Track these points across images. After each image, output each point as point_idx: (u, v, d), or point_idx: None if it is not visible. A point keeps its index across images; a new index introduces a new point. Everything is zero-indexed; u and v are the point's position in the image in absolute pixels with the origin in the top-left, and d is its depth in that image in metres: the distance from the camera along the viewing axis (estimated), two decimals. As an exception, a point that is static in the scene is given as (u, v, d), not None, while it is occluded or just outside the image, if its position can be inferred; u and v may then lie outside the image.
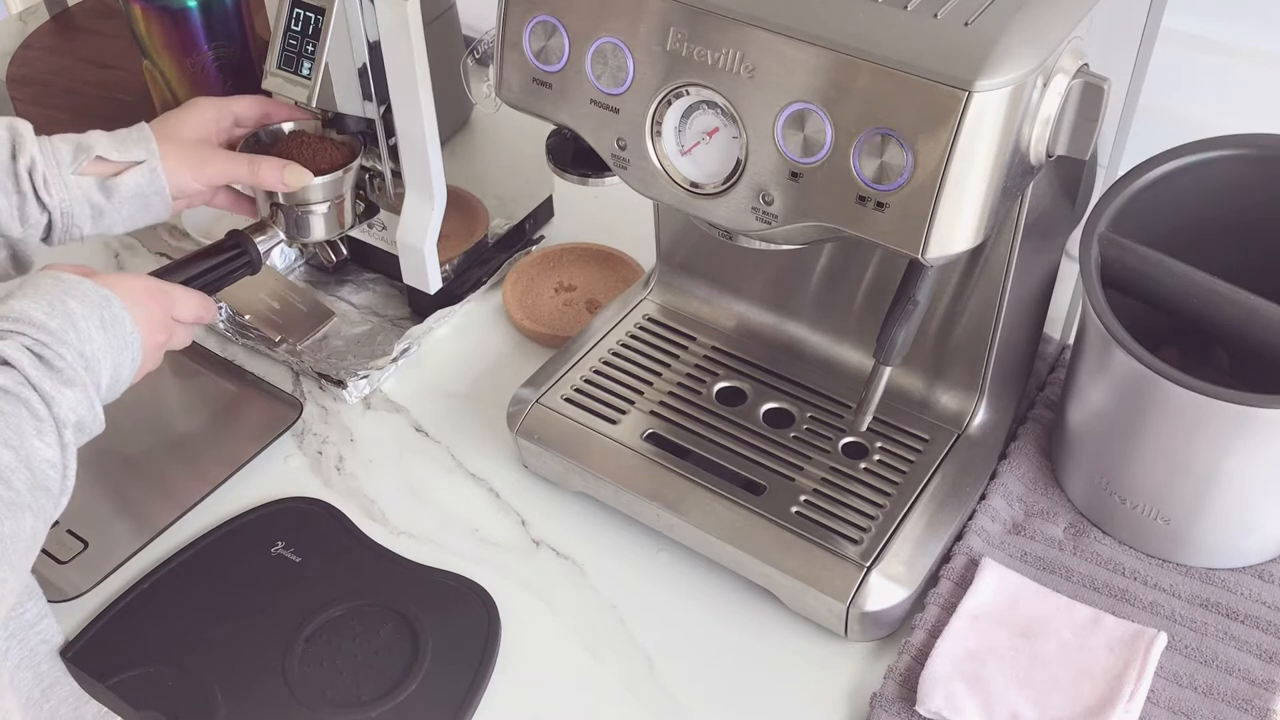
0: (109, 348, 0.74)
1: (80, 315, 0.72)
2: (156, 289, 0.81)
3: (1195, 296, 0.79)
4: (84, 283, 0.74)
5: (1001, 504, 0.87)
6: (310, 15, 0.91)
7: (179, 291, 0.83)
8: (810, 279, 0.92)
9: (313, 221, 0.95)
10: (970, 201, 0.63)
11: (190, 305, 0.84)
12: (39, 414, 0.68)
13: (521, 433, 0.91)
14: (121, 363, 0.75)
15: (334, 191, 0.94)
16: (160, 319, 0.80)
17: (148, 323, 0.78)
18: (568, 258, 1.11)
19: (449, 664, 0.81)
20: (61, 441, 0.69)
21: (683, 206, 0.72)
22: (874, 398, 0.77)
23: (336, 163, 0.94)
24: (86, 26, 1.41)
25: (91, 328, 0.73)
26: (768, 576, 0.83)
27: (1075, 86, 0.65)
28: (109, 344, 0.74)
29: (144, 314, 0.78)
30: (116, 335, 0.74)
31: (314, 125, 0.97)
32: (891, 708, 0.77)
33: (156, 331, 0.79)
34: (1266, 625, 0.79)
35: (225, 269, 0.91)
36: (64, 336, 0.71)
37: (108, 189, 0.84)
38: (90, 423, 0.72)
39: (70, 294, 0.73)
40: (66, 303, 0.72)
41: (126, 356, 0.75)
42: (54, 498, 0.69)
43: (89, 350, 0.72)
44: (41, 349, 0.69)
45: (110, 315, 0.74)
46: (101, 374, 0.73)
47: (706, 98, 0.68)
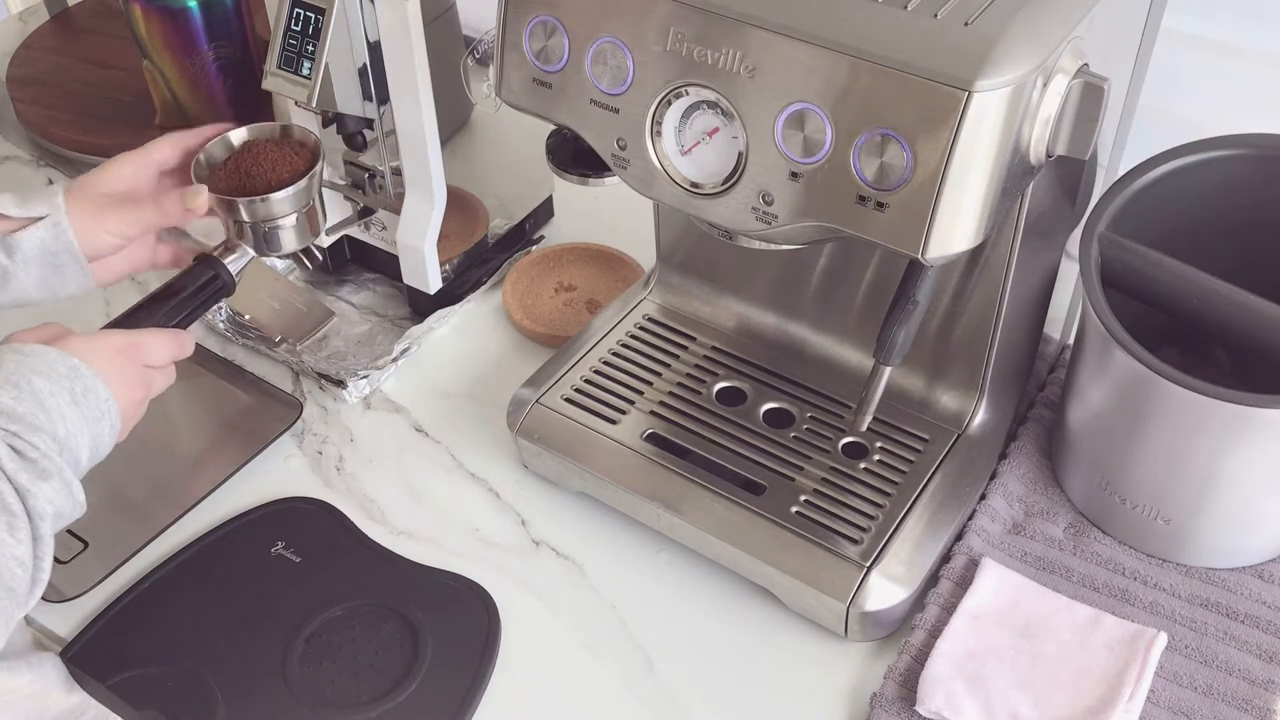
0: (84, 422, 0.70)
1: (49, 394, 0.69)
2: (125, 344, 0.76)
3: (1195, 296, 0.79)
4: (49, 354, 0.71)
5: (1001, 504, 0.87)
6: (310, 15, 0.91)
7: (148, 338, 0.79)
8: (810, 279, 0.92)
9: (282, 235, 0.90)
10: (970, 201, 0.63)
11: (163, 349, 0.79)
12: (12, 509, 0.64)
13: (521, 433, 0.91)
14: (100, 433, 0.72)
15: (300, 202, 0.89)
16: (135, 375, 0.76)
17: (122, 384, 0.74)
18: (568, 258, 1.11)
19: (449, 664, 0.81)
20: (35, 535, 0.66)
21: (683, 206, 0.72)
22: (874, 398, 0.77)
23: (298, 168, 0.89)
24: (86, 26, 1.41)
25: (63, 405, 0.69)
26: (768, 576, 0.83)
27: (1075, 86, 0.65)
28: (83, 418, 0.70)
29: (117, 375, 0.74)
30: (91, 407, 0.71)
31: (270, 130, 0.92)
32: (891, 708, 0.77)
33: (133, 390, 0.76)
34: (1266, 625, 0.79)
35: (198, 299, 0.85)
36: (34, 422, 0.67)
37: (9, 246, 0.80)
38: (69, 510, 0.69)
39: (36, 370, 0.69)
40: (33, 381, 0.69)
41: (104, 425, 0.72)
42: (18, 597, 0.65)
43: (62, 430, 0.69)
44: (12, 439, 0.66)
45: (81, 387, 0.71)
46: (80, 451, 0.70)
47: (707, 98, 0.68)
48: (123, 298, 1.10)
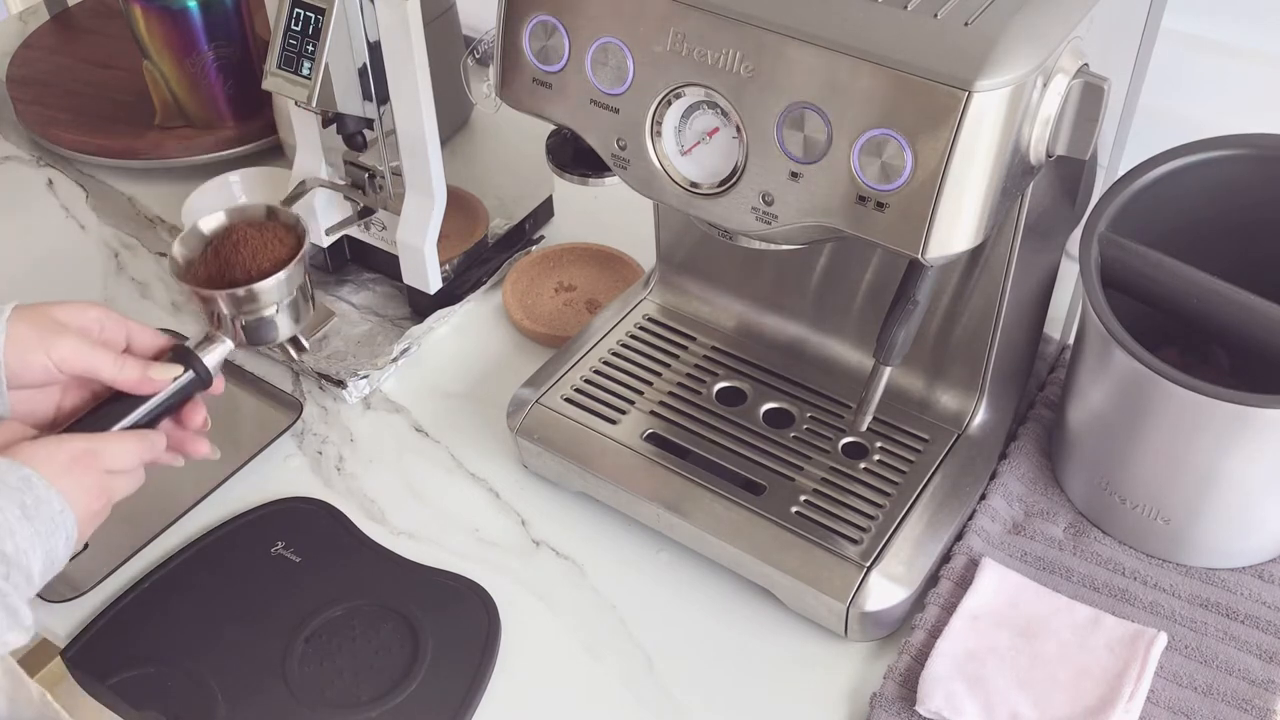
0: (35, 536, 0.67)
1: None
2: (83, 452, 0.71)
3: (1195, 296, 0.79)
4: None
5: (1001, 504, 0.87)
6: (310, 15, 0.91)
7: (111, 443, 0.73)
8: (810, 279, 0.92)
9: (263, 328, 0.83)
10: (970, 201, 0.63)
11: (128, 453, 0.74)
12: None
13: (521, 433, 0.91)
14: (54, 546, 0.68)
15: (282, 293, 0.82)
16: (94, 483, 0.71)
17: (80, 493, 0.70)
18: (568, 258, 1.11)
19: (449, 664, 0.81)
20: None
21: (683, 206, 0.72)
22: (874, 398, 0.77)
23: (280, 256, 0.82)
24: (86, 26, 1.41)
25: (12, 520, 0.65)
26: (768, 576, 0.83)
27: (1075, 86, 0.65)
28: (35, 533, 0.67)
29: (74, 484, 0.70)
30: (43, 520, 0.67)
31: (254, 212, 0.85)
32: (891, 708, 0.77)
33: (92, 499, 0.71)
34: (1266, 625, 0.79)
35: (170, 398, 0.78)
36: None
37: None
38: (14, 634, 0.65)
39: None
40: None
41: (59, 539, 0.68)
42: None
43: (10, 547, 0.65)
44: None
45: (33, 499, 0.67)
46: (31, 566, 0.66)
47: (706, 98, 0.68)
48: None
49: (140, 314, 1.08)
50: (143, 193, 1.22)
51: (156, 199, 1.21)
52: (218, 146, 1.22)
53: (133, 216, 1.19)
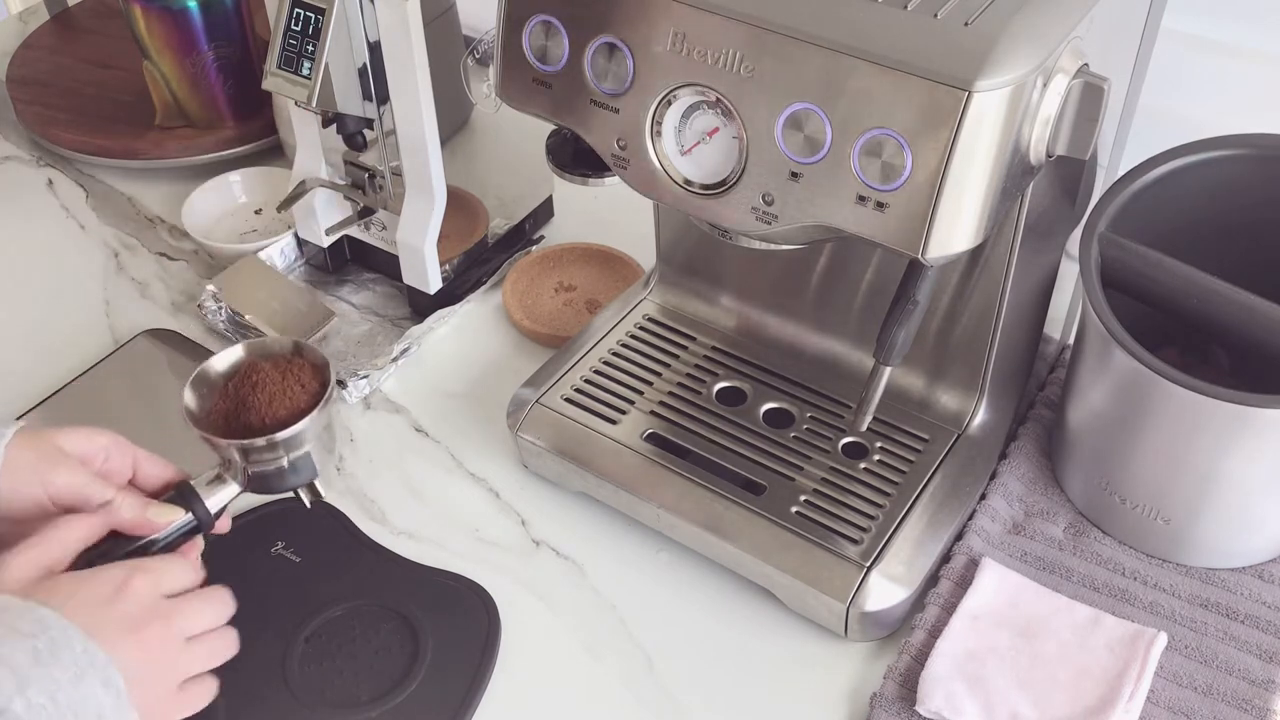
0: (53, 684, 0.58)
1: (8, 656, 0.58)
2: (136, 569, 0.65)
3: (1195, 296, 0.79)
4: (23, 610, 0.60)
5: (1001, 504, 0.87)
6: (310, 15, 0.91)
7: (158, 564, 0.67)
8: (810, 279, 0.92)
9: (271, 479, 0.76)
10: (970, 201, 0.63)
11: (179, 575, 0.68)
12: None
13: (521, 433, 0.91)
14: (90, 694, 0.59)
15: (301, 443, 0.76)
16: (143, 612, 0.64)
17: (121, 628, 0.63)
18: (568, 258, 1.11)
19: (449, 664, 0.81)
20: None
21: (683, 206, 0.72)
22: (874, 398, 0.77)
23: (299, 405, 0.76)
24: (86, 26, 1.41)
25: (22, 670, 0.58)
26: (768, 576, 0.83)
27: (1075, 86, 0.65)
28: (53, 681, 0.59)
29: (112, 618, 0.63)
30: (62, 666, 0.59)
31: (278, 347, 0.79)
32: (891, 708, 0.77)
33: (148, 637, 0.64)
34: (1266, 625, 0.79)
35: (167, 539, 0.73)
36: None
37: None
38: None
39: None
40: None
41: (93, 684, 0.60)
42: None
43: (20, 705, 0.57)
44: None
45: (48, 642, 0.59)
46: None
47: (706, 98, 0.68)
48: (124, 298, 1.10)
49: (140, 314, 1.08)
50: (143, 193, 1.22)
51: (156, 199, 1.21)
52: (218, 146, 1.22)
53: (133, 216, 1.19)
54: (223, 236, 1.14)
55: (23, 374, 1.02)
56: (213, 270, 1.11)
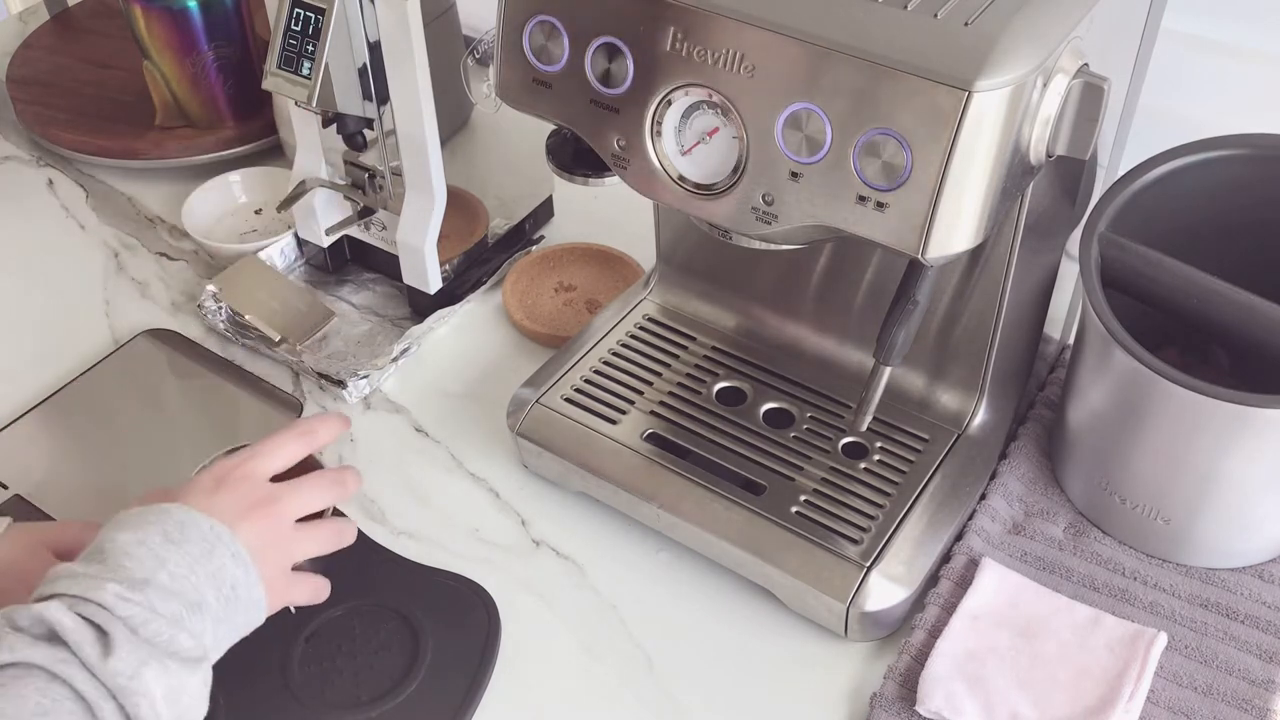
0: (189, 560, 0.62)
1: (136, 542, 0.61)
2: (238, 463, 0.69)
3: (1195, 296, 0.79)
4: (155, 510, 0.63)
5: (1001, 504, 0.87)
6: (310, 15, 0.91)
7: (261, 444, 0.70)
8: (810, 279, 0.92)
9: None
10: (970, 201, 0.63)
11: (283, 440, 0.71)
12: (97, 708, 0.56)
13: (521, 433, 0.91)
14: (221, 566, 0.63)
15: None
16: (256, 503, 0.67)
17: (238, 515, 0.66)
18: (568, 258, 1.11)
19: (449, 664, 0.81)
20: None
21: (683, 206, 0.72)
22: (874, 398, 0.77)
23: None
24: (86, 26, 1.41)
25: (156, 547, 0.61)
26: (768, 576, 0.83)
27: (1075, 86, 0.65)
28: (188, 556, 0.62)
29: (227, 503, 0.66)
30: (194, 542, 0.62)
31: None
32: (891, 708, 0.77)
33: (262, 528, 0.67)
34: (1266, 625, 0.79)
35: None
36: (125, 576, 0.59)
37: None
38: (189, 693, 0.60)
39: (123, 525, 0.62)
40: (116, 537, 0.61)
41: (223, 557, 0.63)
42: None
43: (165, 575, 0.60)
44: (79, 605, 0.58)
45: (175, 523, 0.63)
46: (202, 593, 0.62)
47: (706, 98, 0.68)
48: (124, 298, 1.10)
49: (140, 314, 1.08)
50: (143, 193, 1.22)
51: (156, 199, 1.21)
52: (218, 146, 1.22)
53: (133, 216, 1.19)
54: (223, 236, 1.14)
55: (23, 374, 1.02)
56: (213, 270, 1.11)
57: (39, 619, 0.58)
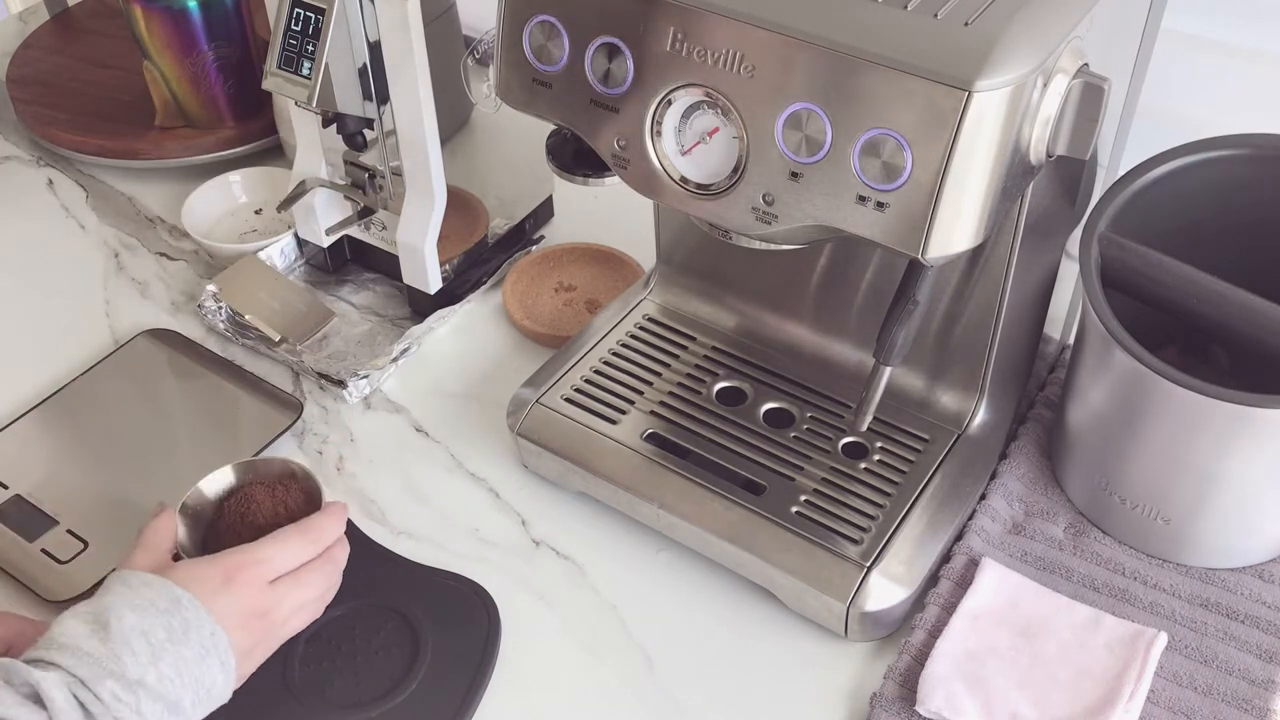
0: (181, 663, 0.65)
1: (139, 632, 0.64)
2: (238, 565, 0.71)
3: (1195, 296, 0.79)
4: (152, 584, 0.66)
5: (1001, 504, 0.87)
6: (310, 15, 0.91)
7: (266, 547, 0.72)
8: (810, 279, 0.92)
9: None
10: (970, 201, 0.63)
11: (288, 554, 0.73)
12: None
13: (521, 433, 0.91)
14: (206, 673, 0.66)
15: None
16: (255, 601, 0.70)
17: (236, 614, 0.69)
18: (568, 258, 1.11)
19: (449, 664, 0.81)
20: None
21: (683, 206, 0.72)
22: (874, 398, 0.77)
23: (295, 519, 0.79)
24: (86, 26, 1.41)
25: (157, 646, 0.64)
26: (768, 576, 0.83)
27: (1075, 86, 0.65)
28: (180, 659, 0.65)
29: (230, 603, 0.69)
30: (193, 645, 0.66)
31: (272, 470, 0.82)
32: (891, 708, 0.77)
33: (251, 621, 0.70)
34: (1266, 625, 0.79)
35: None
36: (111, 667, 0.63)
37: None
38: None
39: (131, 604, 0.65)
40: (124, 617, 0.65)
41: (212, 665, 0.67)
42: None
43: (153, 676, 0.64)
44: (76, 688, 0.61)
45: (181, 622, 0.66)
46: (179, 696, 0.65)
47: (706, 98, 0.68)
48: (124, 298, 1.10)
49: (140, 314, 1.08)
50: (143, 193, 1.22)
51: (156, 199, 1.21)
52: (218, 146, 1.22)
53: (133, 216, 1.19)
54: (223, 236, 1.14)
55: (23, 374, 1.02)
56: (213, 270, 1.11)
57: (31, 684, 0.61)
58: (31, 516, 0.90)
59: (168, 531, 0.75)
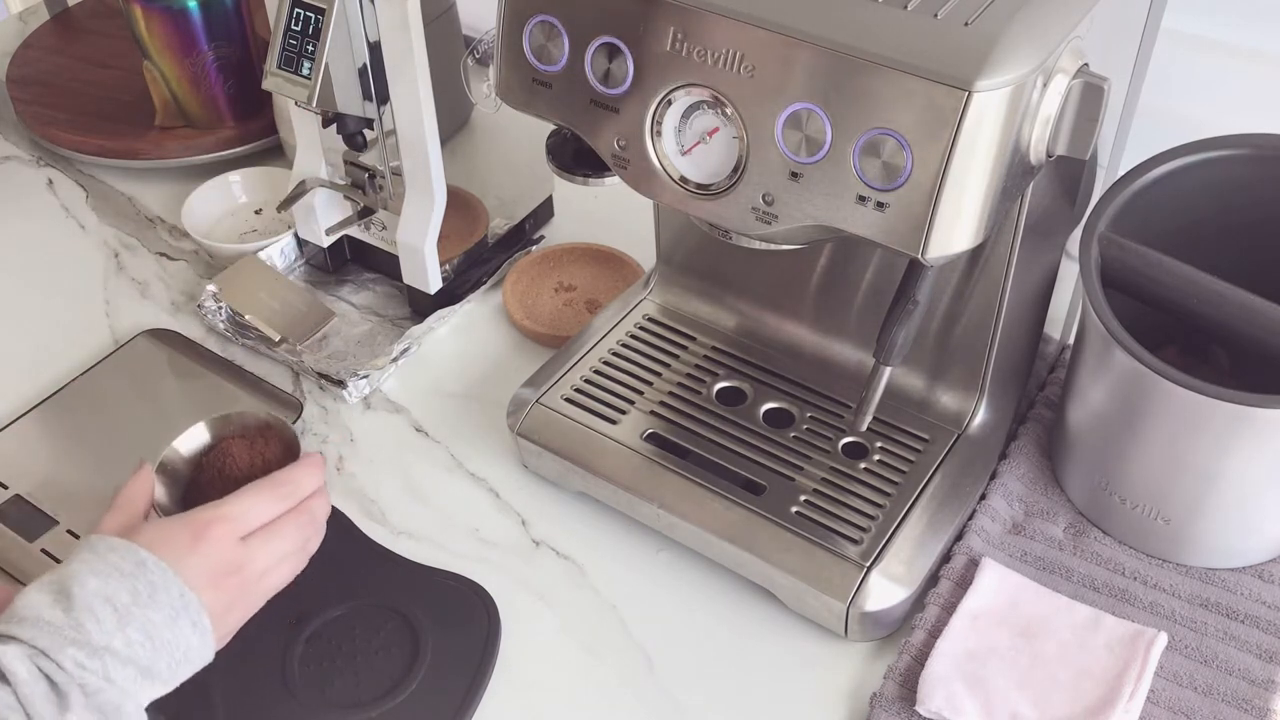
0: (150, 627, 0.63)
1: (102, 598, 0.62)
2: (206, 523, 0.69)
3: (1195, 296, 0.79)
4: (118, 547, 0.64)
5: (1001, 504, 0.87)
6: (310, 15, 0.91)
7: (234, 503, 0.70)
8: (810, 279, 0.92)
9: None
10: (970, 201, 0.63)
11: (255, 510, 0.71)
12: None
13: (521, 433, 0.91)
14: (179, 636, 0.64)
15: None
16: (226, 558, 0.68)
17: (206, 574, 0.67)
18: (568, 258, 1.11)
19: (449, 664, 0.81)
20: None
21: (683, 206, 0.72)
22: (874, 398, 0.77)
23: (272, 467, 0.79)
24: (86, 26, 1.41)
25: (123, 610, 0.63)
26: (768, 576, 0.83)
27: (1075, 86, 0.65)
28: (150, 623, 0.64)
29: (200, 563, 0.67)
30: (160, 608, 0.64)
31: (242, 422, 0.82)
32: (891, 708, 0.77)
33: (225, 580, 0.68)
34: (1266, 625, 0.79)
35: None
36: (75, 636, 0.61)
37: None
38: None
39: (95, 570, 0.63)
40: (87, 583, 0.63)
41: (183, 627, 0.65)
42: None
43: (120, 641, 0.62)
44: (38, 659, 0.60)
45: (147, 584, 0.64)
46: (154, 661, 0.63)
47: (706, 98, 0.68)
48: (124, 298, 1.10)
49: (140, 314, 1.08)
50: (143, 193, 1.22)
51: (156, 199, 1.21)
52: (218, 146, 1.22)
53: (133, 216, 1.19)
54: (223, 236, 1.14)
55: (23, 374, 1.02)
56: (213, 270, 1.11)
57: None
58: (31, 516, 0.90)
59: (143, 492, 0.73)
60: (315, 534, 0.76)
